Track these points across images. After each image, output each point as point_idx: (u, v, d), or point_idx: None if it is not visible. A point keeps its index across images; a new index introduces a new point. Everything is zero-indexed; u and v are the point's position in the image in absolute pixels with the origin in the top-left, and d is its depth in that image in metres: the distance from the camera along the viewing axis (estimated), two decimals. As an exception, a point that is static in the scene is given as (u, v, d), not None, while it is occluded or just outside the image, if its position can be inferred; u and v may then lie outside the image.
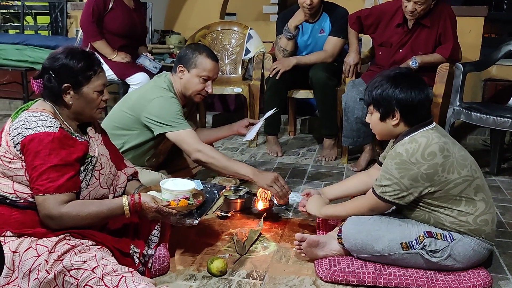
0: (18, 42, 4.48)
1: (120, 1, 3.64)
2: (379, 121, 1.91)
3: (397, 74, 1.89)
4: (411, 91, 1.82)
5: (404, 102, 1.83)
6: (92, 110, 1.79)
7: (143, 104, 2.30)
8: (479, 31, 3.99)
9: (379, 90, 1.86)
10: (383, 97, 1.85)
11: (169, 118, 2.26)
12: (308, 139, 4.15)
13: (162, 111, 2.27)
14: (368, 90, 1.92)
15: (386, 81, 1.86)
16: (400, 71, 1.93)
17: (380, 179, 1.88)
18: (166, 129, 2.26)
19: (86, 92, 1.75)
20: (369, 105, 1.93)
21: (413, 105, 1.83)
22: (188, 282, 1.87)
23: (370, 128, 1.99)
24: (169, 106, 2.29)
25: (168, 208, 1.79)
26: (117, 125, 2.37)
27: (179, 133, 2.26)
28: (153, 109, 2.28)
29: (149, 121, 2.28)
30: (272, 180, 2.23)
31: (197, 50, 2.38)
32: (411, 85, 1.84)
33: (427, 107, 1.88)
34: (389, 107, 1.86)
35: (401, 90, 1.83)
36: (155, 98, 2.29)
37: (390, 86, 1.84)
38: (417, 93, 1.83)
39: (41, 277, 1.56)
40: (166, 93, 2.33)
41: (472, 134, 4.09)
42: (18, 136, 1.64)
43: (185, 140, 2.26)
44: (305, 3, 3.31)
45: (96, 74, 1.76)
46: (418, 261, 1.87)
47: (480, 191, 1.86)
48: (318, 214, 2.14)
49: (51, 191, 1.62)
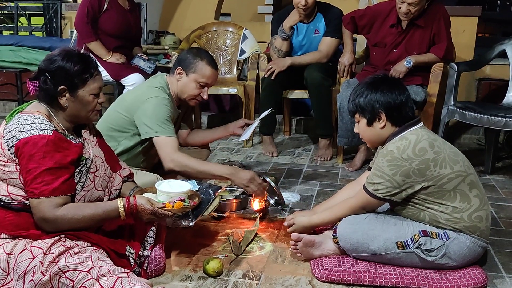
0: (12, 43, 4.46)
1: (115, 2, 3.64)
2: (367, 126, 1.95)
3: (374, 80, 1.95)
4: (391, 92, 1.89)
5: (387, 103, 1.88)
6: (88, 113, 1.78)
7: (137, 105, 2.30)
8: (473, 31, 4.01)
9: (361, 97, 1.92)
10: (366, 102, 1.91)
11: (156, 122, 2.25)
12: (303, 139, 4.15)
13: (153, 113, 2.26)
14: (351, 100, 1.97)
15: (366, 88, 1.93)
16: (377, 76, 1.99)
17: (372, 177, 1.89)
18: (150, 134, 2.25)
19: (82, 95, 1.73)
20: (354, 113, 1.98)
21: (396, 105, 1.88)
22: (184, 283, 1.87)
23: (360, 137, 2.02)
24: (159, 109, 2.27)
25: (164, 210, 1.78)
26: (112, 126, 2.36)
27: (160, 139, 2.25)
28: (145, 110, 2.27)
29: (139, 123, 2.28)
30: (248, 180, 2.25)
31: (198, 56, 2.38)
32: (390, 87, 1.90)
33: (410, 106, 1.93)
34: (373, 110, 1.90)
35: (382, 93, 1.89)
36: (149, 98, 2.28)
37: (371, 91, 1.90)
38: (397, 93, 1.89)
39: (36, 279, 1.56)
40: (160, 93, 2.32)
41: (466, 134, 4.11)
42: (12, 139, 1.63)
43: (162, 148, 2.24)
44: (300, 4, 3.31)
45: (93, 77, 1.74)
46: (413, 260, 1.87)
47: (474, 187, 1.88)
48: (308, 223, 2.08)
49: (46, 194, 1.61)
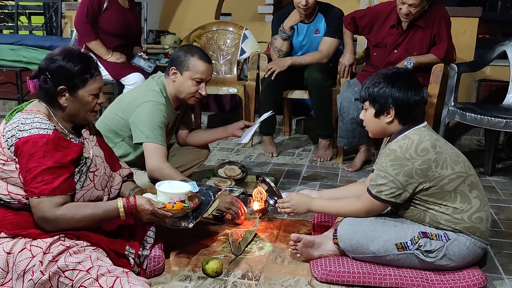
0: (12, 42, 4.46)
1: (115, 1, 3.63)
2: (374, 117, 1.93)
3: (395, 73, 1.92)
4: (408, 91, 1.86)
5: (400, 101, 1.86)
6: (87, 113, 1.78)
7: (133, 108, 2.30)
8: (473, 32, 4.01)
9: (377, 87, 1.89)
10: (380, 94, 1.88)
11: (148, 128, 2.24)
12: (303, 140, 4.15)
13: (147, 117, 2.25)
14: (366, 87, 1.94)
15: (384, 79, 1.89)
16: (398, 71, 1.96)
17: (375, 178, 1.88)
18: (141, 139, 2.25)
19: (82, 95, 1.73)
20: (365, 101, 1.95)
21: (408, 105, 1.86)
22: (183, 282, 1.86)
23: (364, 124, 2.00)
24: (153, 114, 2.26)
25: (164, 211, 1.78)
26: (109, 127, 2.36)
27: (149, 145, 2.25)
28: (139, 114, 2.27)
29: (133, 126, 2.28)
30: (230, 203, 2.28)
31: (189, 52, 2.36)
32: (408, 85, 1.87)
33: (421, 108, 1.91)
34: (384, 104, 1.88)
35: (398, 89, 1.86)
36: (144, 103, 2.28)
37: (388, 84, 1.87)
38: (413, 93, 1.86)
39: (35, 278, 1.56)
40: (156, 97, 2.31)
41: (466, 135, 4.11)
42: (12, 138, 1.63)
43: (151, 155, 2.24)
44: (301, 4, 3.31)
45: (93, 78, 1.74)
46: (413, 261, 1.87)
47: (474, 188, 1.88)
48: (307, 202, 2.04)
49: (46, 194, 1.61)
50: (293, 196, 2.09)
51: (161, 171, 2.21)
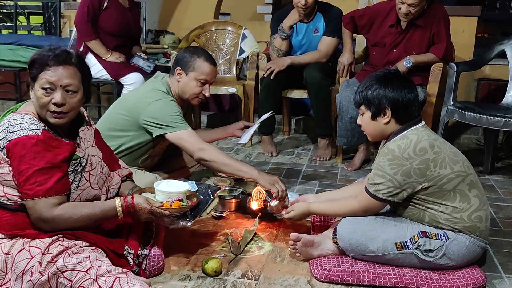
0: (11, 42, 4.44)
1: (115, 0, 3.63)
2: (371, 120, 1.94)
3: (386, 74, 1.94)
4: (401, 90, 1.87)
5: (395, 100, 1.87)
6: (40, 110, 1.65)
7: (141, 107, 2.29)
8: (472, 31, 4.01)
9: (370, 90, 1.90)
10: (374, 95, 1.89)
11: (169, 119, 2.25)
12: (302, 139, 4.15)
13: (162, 113, 2.26)
14: (359, 91, 1.96)
15: (376, 81, 1.91)
16: (389, 71, 1.98)
17: (373, 177, 1.89)
18: (166, 130, 2.25)
19: (36, 88, 1.65)
20: (360, 105, 1.96)
21: (403, 103, 1.87)
22: (182, 282, 1.86)
23: (362, 129, 2.02)
24: (168, 108, 2.28)
25: (162, 210, 1.78)
26: (113, 126, 2.35)
27: (180, 133, 2.25)
28: (152, 112, 2.27)
29: (148, 123, 2.28)
30: (274, 181, 2.24)
31: (195, 54, 2.38)
32: (401, 84, 1.89)
33: (416, 106, 1.92)
34: (380, 105, 1.89)
35: (392, 89, 1.87)
36: (154, 101, 2.28)
37: (381, 85, 1.89)
38: (406, 91, 1.88)
39: (34, 279, 1.55)
40: (165, 96, 2.33)
41: (465, 134, 4.11)
42: (3, 140, 1.60)
43: (187, 139, 2.25)
44: (300, 3, 3.31)
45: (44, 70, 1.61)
46: (412, 260, 1.87)
47: (474, 187, 1.88)
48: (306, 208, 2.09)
49: (40, 195, 1.59)
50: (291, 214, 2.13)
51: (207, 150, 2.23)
